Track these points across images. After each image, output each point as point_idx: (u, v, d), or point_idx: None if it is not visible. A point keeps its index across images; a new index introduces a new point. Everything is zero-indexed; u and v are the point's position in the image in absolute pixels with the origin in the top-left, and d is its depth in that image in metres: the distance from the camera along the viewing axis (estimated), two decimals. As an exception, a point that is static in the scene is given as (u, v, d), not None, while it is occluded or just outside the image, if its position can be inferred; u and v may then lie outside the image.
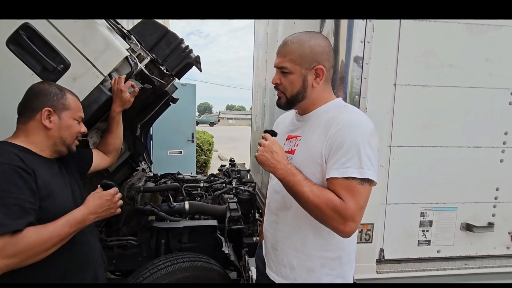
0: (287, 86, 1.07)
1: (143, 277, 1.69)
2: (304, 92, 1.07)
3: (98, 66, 1.29)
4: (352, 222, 0.92)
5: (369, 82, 1.42)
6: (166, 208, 2.16)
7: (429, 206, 1.62)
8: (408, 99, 1.50)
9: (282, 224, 1.14)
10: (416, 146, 1.55)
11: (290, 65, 1.05)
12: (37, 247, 0.88)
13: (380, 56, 1.42)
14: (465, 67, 1.52)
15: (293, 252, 1.10)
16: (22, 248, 0.85)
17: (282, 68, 1.07)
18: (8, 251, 0.83)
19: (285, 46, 1.07)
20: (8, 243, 0.83)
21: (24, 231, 0.86)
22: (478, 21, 1.49)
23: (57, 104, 1.06)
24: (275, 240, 1.16)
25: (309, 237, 1.07)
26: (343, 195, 0.92)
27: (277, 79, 1.09)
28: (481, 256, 1.69)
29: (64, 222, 0.95)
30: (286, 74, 1.06)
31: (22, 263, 0.87)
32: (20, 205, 0.87)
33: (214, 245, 2.12)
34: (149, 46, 1.77)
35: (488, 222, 1.67)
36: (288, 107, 1.12)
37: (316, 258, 1.07)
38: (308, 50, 1.04)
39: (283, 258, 1.13)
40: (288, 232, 1.11)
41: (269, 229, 1.21)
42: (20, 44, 1.23)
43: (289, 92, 1.08)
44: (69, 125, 1.09)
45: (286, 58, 1.05)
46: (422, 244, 1.65)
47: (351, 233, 0.94)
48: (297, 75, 1.05)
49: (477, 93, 1.54)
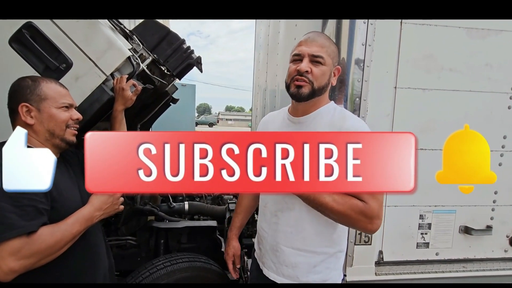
0: (318, 75, 1.05)
1: (142, 277, 1.69)
2: (327, 87, 1.08)
3: (100, 66, 1.29)
4: (378, 219, 0.99)
5: (370, 84, 1.43)
6: (166, 208, 2.16)
7: (428, 208, 1.63)
8: (408, 102, 1.51)
9: (284, 225, 1.14)
10: (415, 149, 1.56)
11: (326, 57, 1.05)
12: (52, 247, 0.89)
13: (381, 59, 1.43)
14: (465, 71, 1.53)
15: (295, 251, 1.12)
16: (38, 249, 0.86)
17: (317, 57, 1.04)
18: (25, 252, 0.84)
19: (321, 38, 1.07)
20: (25, 244, 0.84)
21: (39, 232, 0.87)
22: (478, 25, 1.50)
23: (32, 97, 1.00)
24: (275, 241, 1.16)
25: (311, 236, 1.10)
26: (364, 197, 0.97)
27: (307, 67, 1.04)
28: (479, 259, 1.70)
29: (74, 221, 0.96)
30: (317, 65, 1.05)
31: (38, 263, 0.88)
32: (33, 206, 0.88)
33: (213, 246, 2.13)
34: (150, 46, 1.78)
35: (486, 225, 1.68)
36: (308, 98, 1.07)
37: (318, 254, 1.11)
38: (335, 48, 1.08)
39: (284, 259, 1.14)
40: (291, 233, 1.12)
41: (268, 230, 1.20)
42: (23, 43, 1.23)
43: (318, 83, 1.05)
44: (51, 115, 1.01)
45: (324, 49, 1.05)
46: (421, 247, 1.65)
47: (378, 229, 1.01)
48: (327, 68, 1.06)
49: (477, 97, 1.55)
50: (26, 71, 1.24)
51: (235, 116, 50.88)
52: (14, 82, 1.02)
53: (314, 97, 1.08)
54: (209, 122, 33.28)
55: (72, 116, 1.07)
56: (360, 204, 0.97)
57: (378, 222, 0.99)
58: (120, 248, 2.00)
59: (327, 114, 1.10)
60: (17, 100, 0.99)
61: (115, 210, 1.11)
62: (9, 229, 0.82)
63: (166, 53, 1.83)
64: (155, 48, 1.80)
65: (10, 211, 0.84)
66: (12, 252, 0.82)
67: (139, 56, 1.61)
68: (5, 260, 0.81)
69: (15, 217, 0.84)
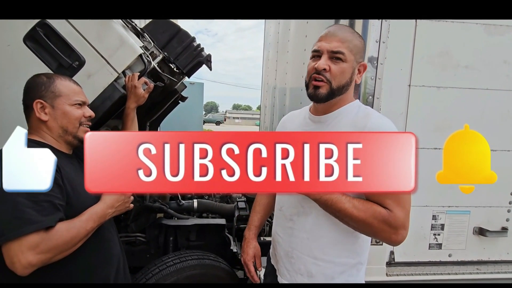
0: (338, 74, 0.96)
1: (152, 273, 1.70)
2: (348, 85, 0.99)
3: (112, 63, 1.30)
4: (403, 230, 0.88)
5: (383, 82, 1.41)
6: (175, 205, 2.17)
7: (442, 209, 1.60)
8: (422, 101, 1.48)
9: (299, 230, 1.06)
10: (429, 148, 1.53)
11: (348, 52, 0.95)
12: (68, 242, 0.90)
13: (395, 56, 1.41)
14: (481, 68, 1.49)
15: (311, 259, 1.04)
16: (55, 244, 0.87)
17: (337, 53, 0.95)
18: (43, 247, 0.85)
19: (342, 32, 0.98)
20: (43, 239, 0.85)
21: (56, 227, 0.88)
22: (496, 21, 1.46)
23: (47, 93, 1.01)
24: (290, 247, 1.09)
25: (329, 244, 1.01)
26: (389, 205, 0.86)
27: (326, 64, 0.95)
28: (493, 261, 1.66)
29: (88, 217, 0.96)
30: (338, 61, 0.95)
31: (54, 258, 0.89)
32: (50, 202, 0.88)
33: (222, 244, 2.12)
34: (161, 44, 1.78)
35: (502, 227, 1.64)
36: (327, 99, 0.99)
37: (336, 265, 1.02)
38: (359, 42, 0.98)
39: (300, 267, 1.06)
40: (307, 239, 1.04)
41: (282, 235, 1.13)
42: (36, 41, 1.24)
43: (337, 82, 0.96)
44: (65, 112, 1.03)
45: (345, 44, 0.95)
46: (433, 248, 1.62)
47: (403, 240, 0.89)
48: (349, 65, 0.96)
49: (494, 95, 1.51)
50: (40, 69, 1.25)
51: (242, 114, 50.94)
52: (29, 79, 1.03)
53: (334, 98, 0.99)
54: (216, 121, 33.39)
55: (85, 113, 1.08)
56: (383, 212, 0.86)
57: (404, 233, 0.87)
58: (129, 244, 2.02)
59: (350, 113, 1.01)
60: (32, 96, 1.00)
61: (126, 208, 1.12)
62: (27, 223, 0.83)
63: (176, 51, 1.82)
64: (166, 46, 1.80)
65: (28, 206, 0.84)
66: (31, 246, 0.83)
67: (150, 54, 1.61)
68: (24, 254, 0.83)
69: (33, 212, 0.84)
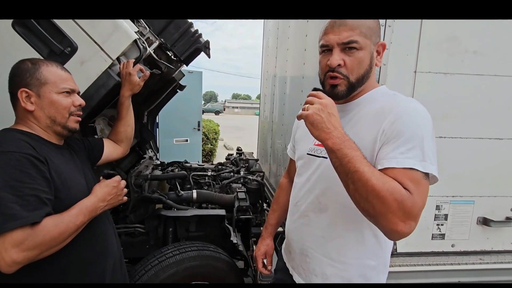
0: (354, 66, 0.87)
1: (151, 265, 1.68)
2: (369, 72, 0.89)
3: (106, 50, 1.25)
4: (413, 221, 0.74)
5: (388, 68, 1.35)
6: (174, 196, 2.14)
7: (445, 199, 1.57)
8: (428, 87, 1.42)
9: (315, 228, 1.00)
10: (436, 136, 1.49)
11: (362, 39, 0.85)
12: (56, 238, 0.85)
13: (401, 41, 1.35)
14: (490, 54, 1.43)
15: (327, 260, 0.98)
16: (41, 240, 0.82)
17: (350, 43, 0.85)
18: (28, 244, 0.80)
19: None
20: (28, 236, 0.80)
21: (42, 223, 0.83)
22: (507, 4, 1.39)
23: (32, 81, 0.94)
24: (304, 245, 1.04)
25: (347, 244, 0.94)
26: (409, 187, 0.74)
27: (340, 59, 0.86)
28: (497, 251, 1.65)
29: (77, 211, 0.92)
30: (353, 52, 0.86)
31: (41, 255, 0.84)
32: (36, 196, 0.83)
33: (222, 235, 2.11)
34: (157, 30, 1.71)
35: (506, 217, 1.61)
36: (347, 94, 0.91)
37: (354, 267, 0.95)
38: (372, 22, 0.87)
39: (314, 267, 1.01)
40: (322, 238, 0.98)
41: (296, 231, 1.08)
42: (26, 26, 1.18)
43: (355, 75, 0.88)
44: (52, 101, 0.96)
45: (356, 31, 0.85)
46: (436, 238, 1.60)
47: (408, 233, 0.74)
48: (366, 52, 0.87)
49: (502, 81, 1.46)
50: (30, 55, 1.19)
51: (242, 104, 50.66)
52: (14, 65, 0.97)
53: (355, 91, 0.91)
54: (215, 110, 33.23)
55: (74, 102, 1.02)
56: (404, 192, 0.72)
57: (413, 225, 0.74)
58: (128, 235, 2.00)
59: (376, 99, 0.92)
60: (17, 84, 0.94)
61: (119, 201, 1.09)
62: (11, 219, 0.78)
63: (173, 37, 1.76)
64: (162, 32, 1.73)
65: (12, 201, 0.80)
66: (15, 243, 0.78)
67: (146, 40, 1.55)
68: (8, 252, 0.78)
69: (17, 207, 0.79)
